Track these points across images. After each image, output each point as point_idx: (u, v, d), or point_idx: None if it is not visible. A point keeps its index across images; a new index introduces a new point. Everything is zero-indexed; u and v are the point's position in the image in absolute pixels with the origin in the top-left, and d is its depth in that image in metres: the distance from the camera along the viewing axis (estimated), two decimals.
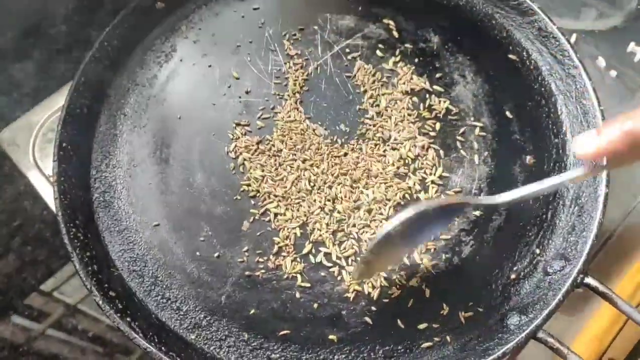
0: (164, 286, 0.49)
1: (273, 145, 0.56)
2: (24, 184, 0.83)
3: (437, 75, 0.59)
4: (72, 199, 0.50)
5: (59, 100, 0.69)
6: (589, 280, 0.45)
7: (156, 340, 0.43)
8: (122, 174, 0.54)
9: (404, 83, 0.59)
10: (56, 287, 0.76)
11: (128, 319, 0.44)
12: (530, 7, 0.58)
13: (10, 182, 0.84)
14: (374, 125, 0.56)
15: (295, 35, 0.63)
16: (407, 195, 0.53)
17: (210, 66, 0.61)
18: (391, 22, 0.62)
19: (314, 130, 0.57)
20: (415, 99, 0.58)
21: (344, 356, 0.45)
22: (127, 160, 0.55)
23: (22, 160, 0.66)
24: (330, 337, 0.46)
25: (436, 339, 0.45)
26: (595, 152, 0.34)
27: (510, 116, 0.56)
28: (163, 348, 0.43)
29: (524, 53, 0.58)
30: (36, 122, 0.67)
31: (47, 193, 0.63)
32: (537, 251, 0.49)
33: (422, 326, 0.46)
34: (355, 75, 0.60)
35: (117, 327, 0.43)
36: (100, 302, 0.44)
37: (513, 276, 0.48)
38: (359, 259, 0.49)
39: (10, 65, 0.75)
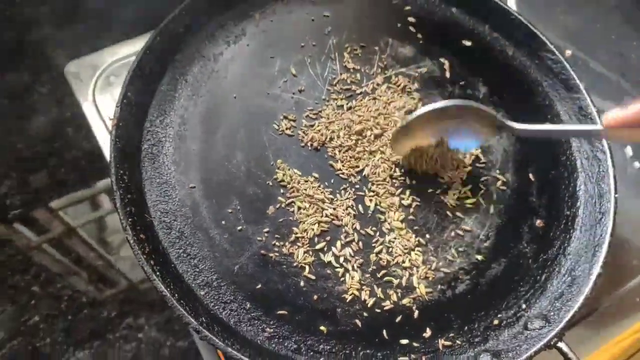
0: (187, 242, 0.53)
1: (312, 145, 0.61)
2: (71, 111, 0.86)
3: None
4: (125, 144, 0.55)
5: (124, 50, 0.74)
6: (561, 345, 0.48)
7: (171, 287, 0.48)
8: (173, 133, 0.59)
9: None
10: (63, 207, 0.78)
11: (152, 262, 0.48)
12: (576, 85, 0.62)
13: (59, 105, 0.87)
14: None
15: (356, 50, 0.67)
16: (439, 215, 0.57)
17: (272, 57, 0.66)
18: (447, 62, 0.67)
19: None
20: None
21: (328, 347, 0.49)
22: (179, 122, 0.60)
23: (81, 92, 0.70)
24: (321, 327, 0.51)
25: (413, 356, 0.49)
26: (621, 121, 0.44)
27: (533, 179, 0.60)
28: (176, 295, 0.47)
29: None
30: (101, 64, 0.72)
31: (97, 127, 0.67)
32: (524, 306, 0.52)
33: (403, 341, 0.50)
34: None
35: (141, 267, 0.48)
36: (132, 242, 0.48)
37: (496, 322, 0.52)
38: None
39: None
